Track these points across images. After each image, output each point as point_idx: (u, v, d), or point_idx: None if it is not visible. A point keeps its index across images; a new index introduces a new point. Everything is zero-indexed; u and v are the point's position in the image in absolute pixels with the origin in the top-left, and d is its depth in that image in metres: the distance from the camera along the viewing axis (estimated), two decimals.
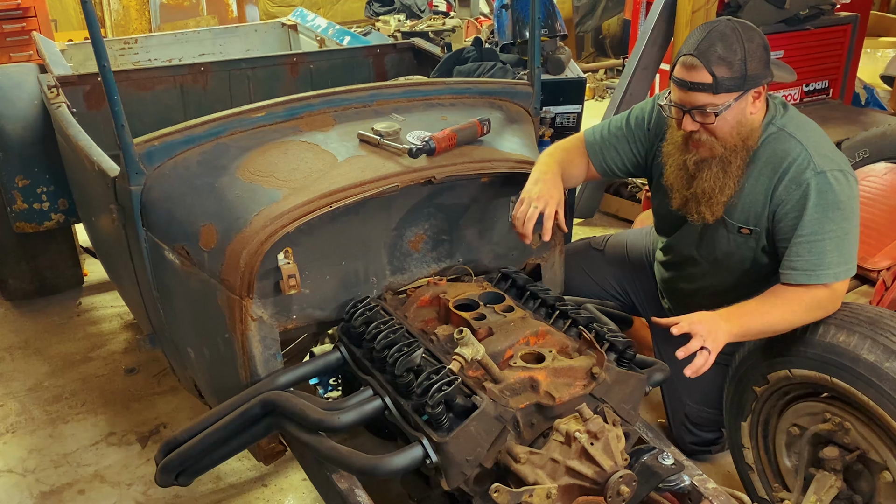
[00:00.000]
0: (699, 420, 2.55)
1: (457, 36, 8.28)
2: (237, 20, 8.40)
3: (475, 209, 2.25)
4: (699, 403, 2.52)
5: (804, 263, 1.99)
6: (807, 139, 2.03)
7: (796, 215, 2.00)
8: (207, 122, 2.13)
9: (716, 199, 2.10)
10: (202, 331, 2.12)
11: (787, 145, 2.03)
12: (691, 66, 1.95)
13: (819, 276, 1.97)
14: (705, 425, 2.56)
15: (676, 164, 2.14)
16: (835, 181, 1.97)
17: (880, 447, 1.93)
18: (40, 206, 3.46)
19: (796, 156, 2.01)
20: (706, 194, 2.10)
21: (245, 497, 2.62)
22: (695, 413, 2.54)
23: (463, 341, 1.68)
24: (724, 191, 2.08)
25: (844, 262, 1.99)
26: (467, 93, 2.51)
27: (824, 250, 1.97)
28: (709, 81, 1.94)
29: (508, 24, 3.80)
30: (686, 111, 2.01)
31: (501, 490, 1.58)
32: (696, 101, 1.98)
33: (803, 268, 1.99)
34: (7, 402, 3.15)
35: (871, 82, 5.45)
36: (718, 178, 2.07)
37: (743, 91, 1.96)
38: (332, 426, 1.77)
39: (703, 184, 2.09)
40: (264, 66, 3.84)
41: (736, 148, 2.04)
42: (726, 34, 1.94)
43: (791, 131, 2.05)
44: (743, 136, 2.03)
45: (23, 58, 5.76)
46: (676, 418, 2.61)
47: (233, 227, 1.93)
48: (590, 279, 2.71)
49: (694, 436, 2.59)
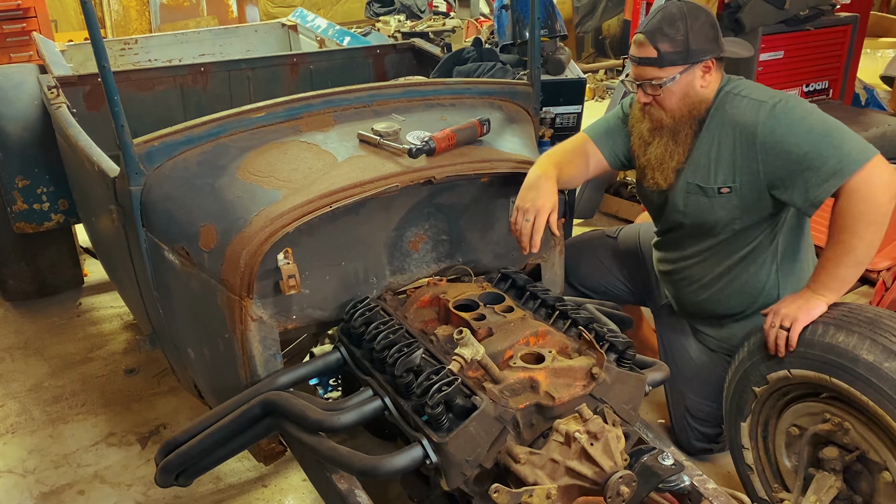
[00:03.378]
0: (700, 414, 2.56)
1: (457, 36, 8.30)
2: (237, 21, 8.41)
3: (475, 209, 2.25)
4: (700, 397, 2.53)
5: (828, 169, 1.99)
6: (752, 92, 2.17)
7: (777, 143, 2.06)
8: (207, 122, 2.13)
9: (666, 165, 2.26)
10: (202, 331, 2.12)
11: (738, 103, 2.16)
12: (640, 42, 2.14)
13: (849, 167, 1.96)
14: (707, 420, 2.56)
15: (637, 133, 2.33)
16: (793, 103, 2.09)
17: (880, 447, 1.93)
18: (40, 206, 3.46)
19: (746, 107, 2.13)
20: (658, 160, 2.27)
21: (245, 497, 2.62)
22: (696, 407, 2.55)
23: (463, 342, 1.68)
24: (674, 157, 2.24)
25: (858, 143, 2.00)
26: (467, 93, 2.51)
27: (833, 145, 1.99)
28: (654, 56, 2.11)
29: (508, 24, 3.80)
30: (639, 85, 2.18)
31: (501, 490, 1.58)
32: (644, 75, 2.15)
33: (829, 174, 1.98)
34: (7, 402, 3.15)
35: (871, 83, 5.46)
36: (668, 146, 2.24)
37: (688, 64, 2.11)
38: (331, 427, 1.77)
39: (655, 150, 2.27)
40: (264, 67, 3.84)
41: (683, 118, 2.20)
42: (672, 13, 2.11)
43: (738, 91, 2.18)
44: (689, 107, 2.18)
45: (23, 58, 5.76)
46: (678, 413, 2.61)
47: (233, 227, 1.93)
48: (602, 266, 2.75)
49: (695, 431, 2.59)
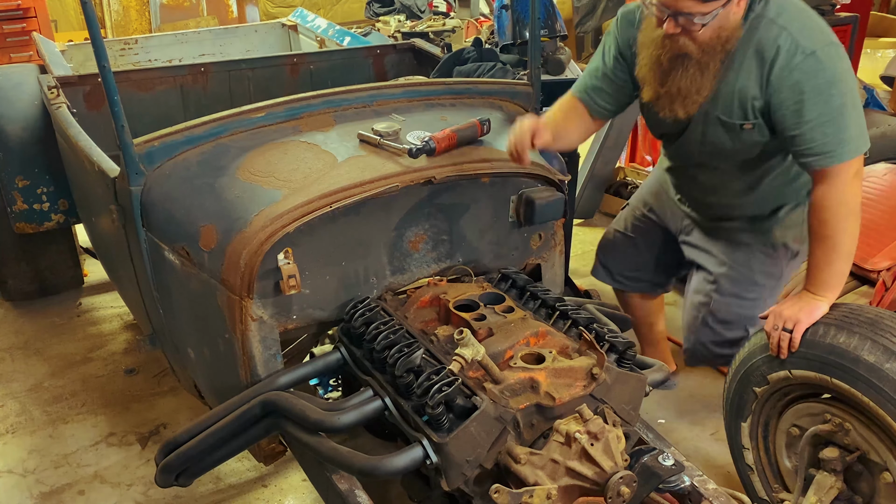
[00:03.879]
0: (728, 316, 2.43)
1: (457, 36, 8.30)
2: (237, 21, 8.41)
3: (475, 209, 2.25)
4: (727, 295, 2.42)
5: (821, 146, 1.95)
6: (789, 21, 1.97)
7: (796, 102, 1.95)
8: (207, 122, 2.13)
9: (691, 99, 2.08)
10: (202, 331, 2.12)
11: (770, 33, 1.97)
12: None
13: (841, 154, 1.93)
14: (733, 321, 2.44)
15: (651, 58, 2.09)
16: (826, 58, 1.93)
17: (880, 448, 1.93)
18: (40, 206, 3.46)
19: (782, 42, 1.95)
20: (681, 93, 2.08)
21: (245, 497, 2.62)
22: (722, 308, 2.43)
23: (463, 342, 1.68)
24: (701, 91, 2.06)
25: (860, 133, 1.96)
26: (467, 93, 2.51)
27: (837, 126, 1.93)
28: None
29: (508, 24, 3.80)
30: (670, 14, 1.94)
31: (501, 491, 1.58)
32: (682, 8, 1.90)
33: (822, 150, 1.95)
34: (7, 402, 3.15)
35: (870, 83, 5.45)
36: (696, 78, 2.04)
37: None
38: (332, 427, 1.77)
39: (679, 82, 2.06)
40: (264, 67, 3.84)
41: (715, 51, 2.00)
42: None
43: (772, 16, 1.99)
44: (723, 40, 1.98)
45: (23, 58, 5.77)
46: (698, 319, 2.49)
47: (233, 227, 1.93)
48: (631, 248, 2.73)
49: (717, 335, 2.45)
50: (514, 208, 2.28)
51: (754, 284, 2.37)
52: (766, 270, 2.39)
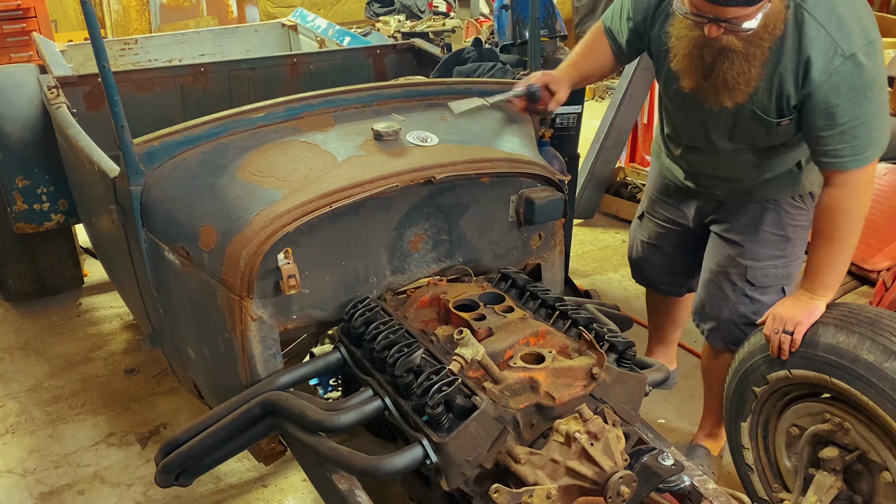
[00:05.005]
0: (766, 279, 2.33)
1: (457, 36, 8.30)
2: (237, 21, 8.41)
3: (475, 209, 2.25)
4: (762, 260, 2.33)
5: (849, 150, 1.92)
6: (827, 18, 1.87)
7: (831, 105, 1.90)
8: (207, 122, 2.13)
9: (740, 90, 1.97)
10: (202, 331, 2.12)
11: (809, 29, 1.87)
12: None
13: (864, 159, 1.92)
14: (772, 285, 2.34)
15: (689, 54, 1.99)
16: (866, 59, 1.86)
17: (880, 447, 1.93)
18: (40, 206, 3.46)
19: (820, 42, 1.87)
20: (728, 85, 1.96)
21: (245, 497, 2.62)
22: (759, 271, 2.33)
23: (463, 342, 1.68)
24: (750, 82, 1.95)
25: (884, 137, 1.94)
26: (467, 93, 2.50)
27: (868, 130, 1.91)
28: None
29: (508, 24, 3.80)
30: (711, 20, 1.81)
31: (501, 490, 1.58)
32: (725, 15, 1.79)
33: (848, 154, 1.92)
34: (7, 402, 3.15)
35: None
36: (743, 70, 1.92)
37: None
38: (332, 427, 1.77)
39: (725, 74, 1.94)
40: (264, 67, 3.84)
41: (762, 39, 1.88)
42: None
43: (810, 8, 1.88)
44: (770, 28, 1.86)
45: (23, 58, 5.77)
46: (730, 293, 2.38)
47: (233, 227, 1.93)
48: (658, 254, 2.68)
49: (755, 304, 2.34)
50: (514, 208, 2.28)
51: (786, 241, 2.31)
52: (795, 224, 2.32)
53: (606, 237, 4.62)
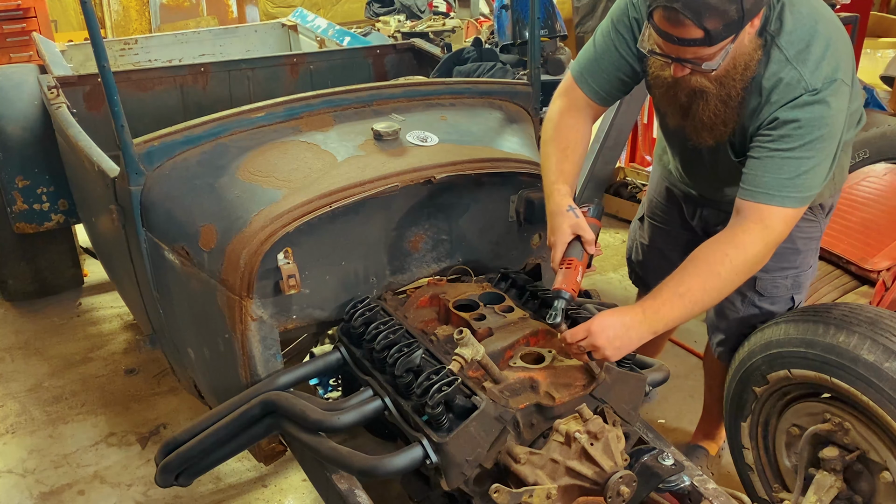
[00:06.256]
0: (775, 290, 2.25)
1: (457, 36, 8.29)
2: (237, 21, 8.41)
3: (475, 209, 2.25)
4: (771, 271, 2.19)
5: (773, 181, 1.76)
6: (797, 55, 1.77)
7: (784, 129, 1.77)
8: (207, 122, 2.13)
9: (718, 130, 1.90)
10: (202, 331, 2.12)
11: (781, 71, 1.78)
12: (676, 21, 1.62)
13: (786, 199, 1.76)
14: (781, 295, 2.26)
15: (666, 94, 1.92)
16: (833, 98, 1.75)
17: (880, 447, 1.93)
18: (40, 206, 3.46)
19: (788, 82, 1.77)
20: (706, 125, 1.90)
21: (245, 497, 2.62)
22: (769, 283, 2.23)
23: (463, 342, 1.68)
24: (728, 123, 1.88)
25: (816, 185, 1.79)
26: (467, 93, 2.51)
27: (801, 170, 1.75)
28: (700, 37, 1.62)
29: (508, 24, 3.81)
30: (675, 60, 1.74)
31: (501, 490, 1.58)
32: (684, 55, 1.70)
33: (772, 185, 1.76)
34: (7, 402, 3.15)
35: (870, 83, 5.45)
36: (719, 111, 1.85)
37: (741, 29, 1.66)
38: (331, 426, 1.77)
39: (702, 115, 1.88)
40: (264, 67, 3.85)
41: (734, 80, 1.80)
42: None
43: (783, 46, 1.78)
44: (742, 67, 1.77)
45: (23, 58, 5.77)
46: (738, 304, 2.29)
47: (232, 227, 1.93)
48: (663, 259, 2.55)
49: (764, 314, 2.27)
50: (514, 208, 2.28)
51: (797, 253, 2.24)
52: (805, 236, 2.24)
53: (606, 237, 4.62)
